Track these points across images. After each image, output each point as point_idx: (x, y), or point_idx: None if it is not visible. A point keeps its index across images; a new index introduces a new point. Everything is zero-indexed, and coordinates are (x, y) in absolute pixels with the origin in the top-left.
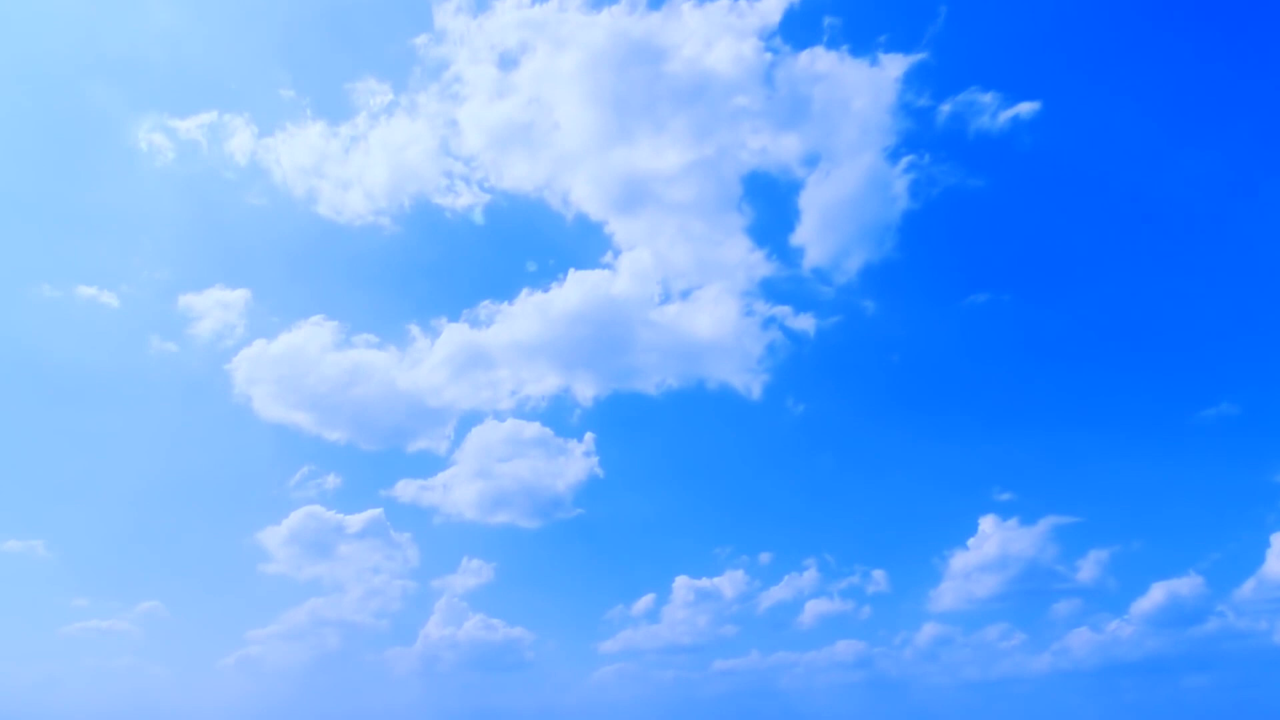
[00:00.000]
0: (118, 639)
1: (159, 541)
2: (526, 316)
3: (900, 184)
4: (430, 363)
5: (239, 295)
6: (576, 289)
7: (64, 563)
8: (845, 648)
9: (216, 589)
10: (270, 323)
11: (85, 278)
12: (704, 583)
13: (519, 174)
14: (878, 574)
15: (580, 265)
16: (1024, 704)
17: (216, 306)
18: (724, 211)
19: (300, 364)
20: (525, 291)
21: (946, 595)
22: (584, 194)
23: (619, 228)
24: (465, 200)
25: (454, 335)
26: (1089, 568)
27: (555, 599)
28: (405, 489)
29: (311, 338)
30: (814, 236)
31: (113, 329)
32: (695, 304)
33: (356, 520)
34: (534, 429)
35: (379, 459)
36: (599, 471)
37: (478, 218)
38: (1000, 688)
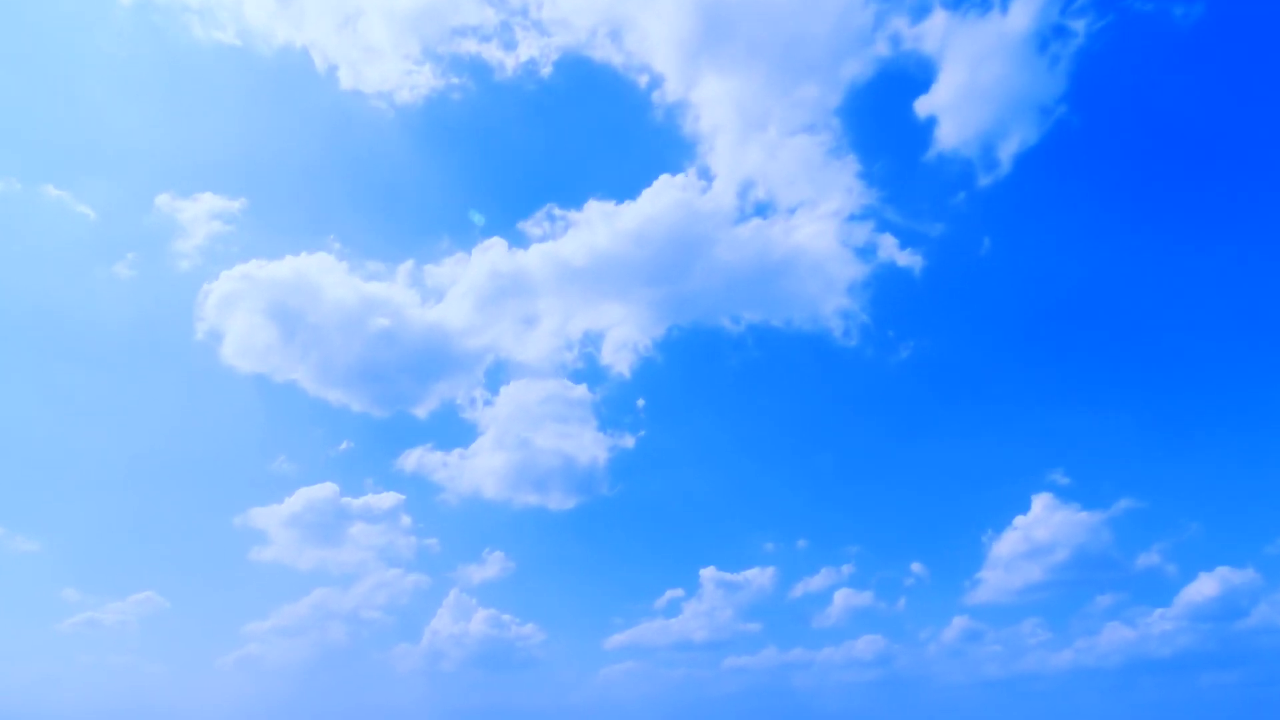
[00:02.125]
0: (111, 633)
1: (143, 524)
2: (590, 227)
3: (1079, 24)
4: (456, 294)
5: (218, 204)
6: (647, 199)
7: (45, 553)
8: (866, 644)
9: (212, 577)
10: (259, 244)
11: (52, 175)
12: (733, 576)
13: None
14: (916, 567)
15: (646, 157)
16: (1036, 703)
17: (201, 219)
18: (833, 64)
19: (294, 303)
20: (588, 200)
21: (986, 587)
22: (660, 36)
23: (699, 95)
24: (521, 56)
25: (488, 258)
26: (1139, 557)
27: (574, 593)
28: (418, 462)
29: (309, 268)
30: (952, 103)
31: (84, 245)
32: (787, 218)
33: (360, 503)
34: (579, 392)
35: (388, 425)
36: (646, 439)
37: (531, 80)
38: (1017, 686)
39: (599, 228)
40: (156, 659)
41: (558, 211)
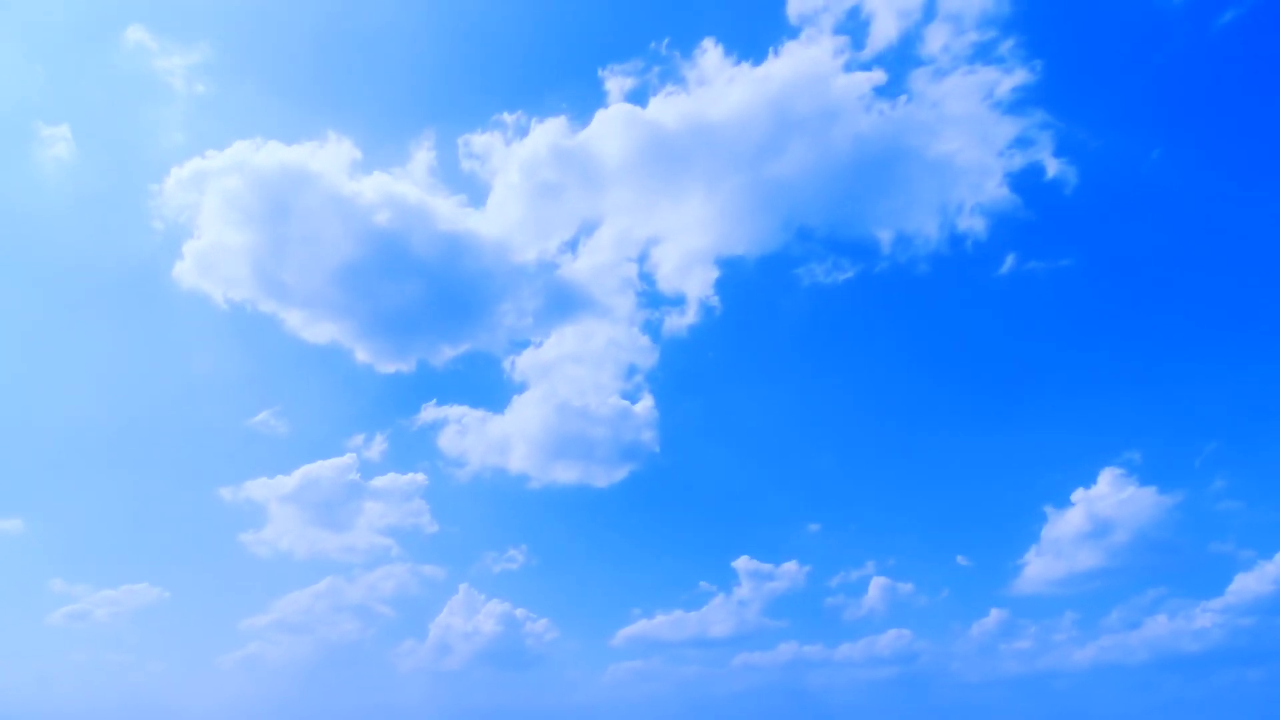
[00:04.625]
0: (99, 625)
1: (123, 504)
2: (700, 85)
3: None
4: (500, 188)
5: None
6: (783, 60)
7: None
8: (887, 640)
9: (202, 558)
10: (232, 121)
11: None
12: (768, 566)
13: None
14: (962, 559)
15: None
16: (1047, 702)
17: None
18: None
19: (281, 206)
20: (703, 41)
21: (1031, 577)
22: None
23: None
24: None
25: (548, 132)
26: (1202, 545)
27: (595, 585)
28: (437, 425)
29: (305, 156)
30: None
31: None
32: (930, 102)
33: (365, 478)
34: (642, 341)
35: (399, 378)
36: (711, 393)
37: None
38: (1033, 684)
39: (711, 88)
40: (152, 653)
41: (664, 50)
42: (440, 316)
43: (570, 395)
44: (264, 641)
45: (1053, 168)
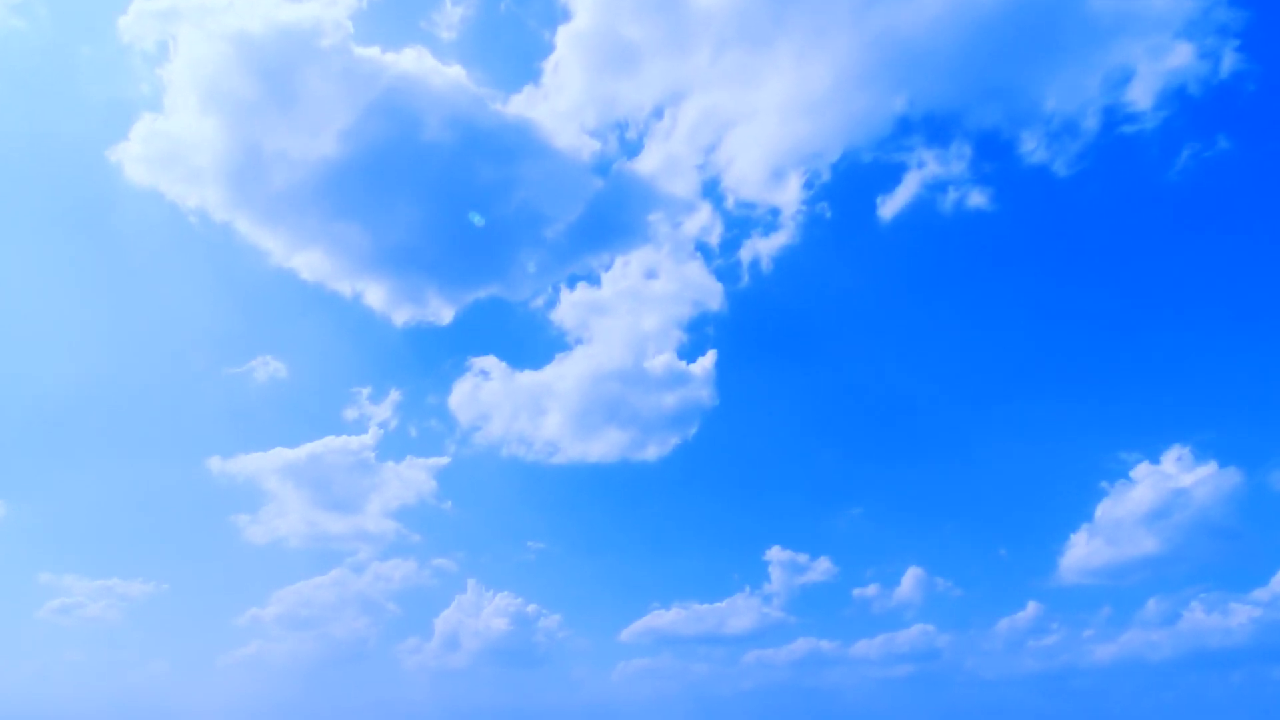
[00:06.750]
0: (91, 620)
1: (99, 480)
2: None
3: None
4: (552, 64)
5: None
6: None
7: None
8: (907, 637)
9: (201, 554)
10: None
11: None
12: (802, 557)
13: None
14: (1003, 551)
15: None
16: (1057, 702)
17: None
18: None
19: (274, 87)
20: None
21: (1069, 568)
22: None
23: None
24: None
25: None
26: (1262, 531)
27: (614, 578)
28: (450, 384)
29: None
30: None
31: None
32: None
33: (368, 453)
34: (708, 283)
35: (413, 327)
36: (778, 345)
37: None
38: (1047, 683)
39: None
40: (149, 649)
41: None
42: (465, 246)
43: (619, 353)
44: (265, 639)
45: (1229, 61)
